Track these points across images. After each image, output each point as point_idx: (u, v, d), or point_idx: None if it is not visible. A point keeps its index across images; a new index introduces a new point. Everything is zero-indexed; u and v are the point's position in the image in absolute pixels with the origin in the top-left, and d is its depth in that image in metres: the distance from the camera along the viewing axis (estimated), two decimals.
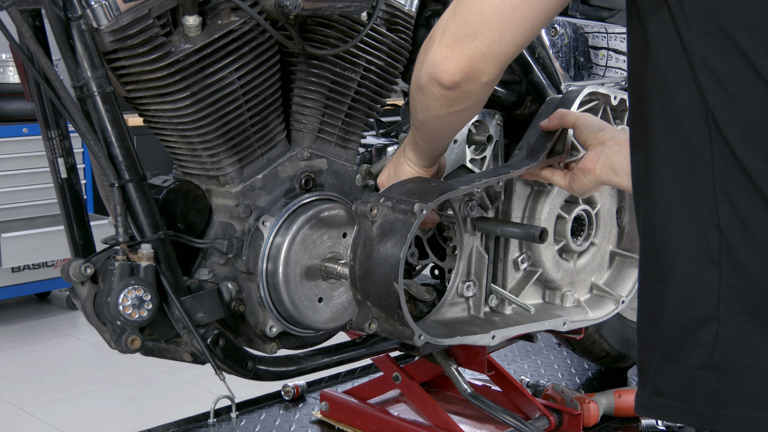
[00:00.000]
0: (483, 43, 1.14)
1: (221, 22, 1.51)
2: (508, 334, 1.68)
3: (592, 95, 1.75)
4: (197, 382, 3.65)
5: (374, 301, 1.51)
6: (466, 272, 1.70)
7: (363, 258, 1.50)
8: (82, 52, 1.43)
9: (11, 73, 4.50)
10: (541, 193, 1.80)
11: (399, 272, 1.44)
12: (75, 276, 1.43)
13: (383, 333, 1.55)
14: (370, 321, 1.53)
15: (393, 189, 1.55)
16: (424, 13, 1.82)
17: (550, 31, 1.92)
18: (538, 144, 1.69)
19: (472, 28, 1.14)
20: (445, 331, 1.62)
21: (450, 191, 1.52)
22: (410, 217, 1.46)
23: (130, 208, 1.47)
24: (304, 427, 2.10)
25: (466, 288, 1.70)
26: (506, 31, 1.12)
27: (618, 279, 1.94)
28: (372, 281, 1.49)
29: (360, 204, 1.51)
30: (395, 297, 1.45)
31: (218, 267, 1.64)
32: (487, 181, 1.60)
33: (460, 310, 1.71)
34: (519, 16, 1.10)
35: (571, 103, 1.71)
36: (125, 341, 1.44)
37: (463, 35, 1.15)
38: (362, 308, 1.54)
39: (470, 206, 1.65)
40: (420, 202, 1.47)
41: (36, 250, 4.43)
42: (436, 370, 2.02)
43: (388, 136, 1.96)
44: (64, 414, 3.49)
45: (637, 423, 2.08)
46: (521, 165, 1.66)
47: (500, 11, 1.11)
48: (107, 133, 1.46)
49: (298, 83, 1.68)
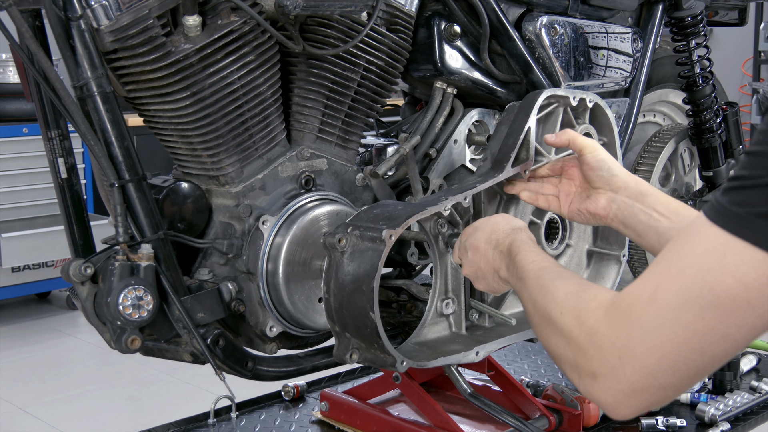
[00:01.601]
0: (669, 392, 0.96)
1: (221, 22, 1.51)
2: (492, 348, 1.67)
3: (551, 98, 1.74)
4: (197, 382, 3.65)
5: (353, 332, 1.50)
6: (443, 290, 1.68)
7: (337, 290, 1.48)
8: (82, 52, 1.43)
9: (11, 73, 4.50)
10: (511, 201, 1.78)
11: (374, 302, 1.43)
12: (75, 276, 1.43)
13: (365, 362, 1.54)
14: (351, 352, 1.52)
15: (360, 217, 1.53)
16: (424, 13, 1.82)
17: (550, 31, 1.92)
18: (501, 154, 1.67)
19: (670, 383, 0.95)
20: (428, 352, 1.61)
21: (418, 213, 1.51)
22: (379, 244, 1.45)
23: (130, 208, 1.47)
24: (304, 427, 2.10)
25: (445, 306, 1.68)
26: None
27: (597, 277, 1.93)
28: (348, 313, 1.48)
29: (328, 236, 1.50)
30: (373, 327, 1.44)
31: (218, 267, 1.64)
32: (454, 198, 1.58)
33: (442, 329, 1.69)
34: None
35: (531, 108, 1.68)
36: (125, 341, 1.44)
37: (656, 387, 0.95)
38: (341, 339, 1.53)
39: (440, 224, 1.64)
40: (387, 228, 1.45)
41: (36, 250, 4.43)
42: (436, 370, 2.02)
43: (388, 136, 1.96)
44: (64, 414, 3.49)
45: (637, 423, 2.08)
46: (487, 177, 1.64)
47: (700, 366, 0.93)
48: (107, 133, 1.46)
49: (298, 83, 1.68)
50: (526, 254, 1.32)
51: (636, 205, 1.45)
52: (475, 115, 1.89)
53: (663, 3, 2.25)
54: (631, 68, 2.14)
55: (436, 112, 1.84)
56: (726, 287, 0.88)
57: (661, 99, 2.50)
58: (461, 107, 1.86)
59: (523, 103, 1.72)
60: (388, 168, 1.75)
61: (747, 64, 5.83)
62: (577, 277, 1.17)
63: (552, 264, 1.25)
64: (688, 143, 2.43)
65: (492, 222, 1.49)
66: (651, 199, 1.43)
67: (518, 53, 1.88)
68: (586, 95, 1.78)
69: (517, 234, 1.41)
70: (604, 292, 1.05)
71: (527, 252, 1.33)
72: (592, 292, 1.07)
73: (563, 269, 1.23)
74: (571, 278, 1.16)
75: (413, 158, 1.78)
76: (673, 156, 2.41)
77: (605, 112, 1.82)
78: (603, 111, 1.82)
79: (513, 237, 1.41)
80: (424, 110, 1.86)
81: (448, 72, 1.82)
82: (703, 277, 0.90)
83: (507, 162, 1.65)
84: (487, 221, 1.51)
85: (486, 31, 1.84)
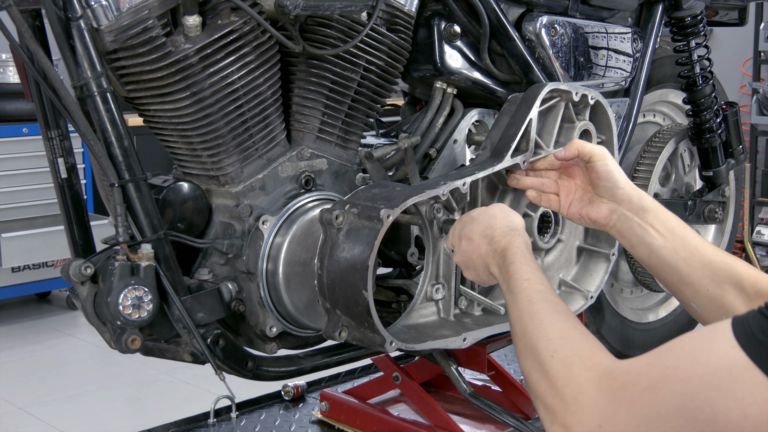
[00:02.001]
0: None
1: (221, 22, 1.51)
2: (479, 335, 1.67)
3: (553, 92, 1.74)
4: (197, 382, 3.65)
5: (343, 309, 1.50)
6: (434, 275, 1.69)
7: (330, 266, 1.49)
8: (82, 52, 1.43)
9: (11, 73, 4.51)
10: (507, 192, 1.79)
11: (368, 280, 1.43)
12: (75, 276, 1.43)
13: (354, 341, 1.54)
14: (340, 329, 1.52)
15: (358, 195, 1.54)
16: (424, 13, 1.82)
17: (550, 31, 1.92)
18: (502, 143, 1.67)
19: None
20: (415, 335, 1.61)
21: (416, 195, 1.52)
22: (377, 223, 1.45)
23: (130, 208, 1.47)
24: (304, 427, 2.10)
25: (435, 291, 1.68)
26: None
27: (586, 274, 1.93)
28: (341, 290, 1.48)
29: (325, 211, 1.50)
30: (365, 305, 1.44)
31: (218, 267, 1.64)
32: (453, 183, 1.59)
33: (430, 314, 1.70)
34: None
35: (533, 100, 1.69)
36: (125, 341, 1.44)
37: None
38: (332, 317, 1.53)
39: (436, 209, 1.64)
40: (386, 208, 1.46)
41: (36, 250, 4.43)
42: (436, 370, 2.02)
43: (388, 136, 1.96)
44: (64, 414, 3.49)
45: None
46: (486, 165, 1.65)
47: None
48: (107, 133, 1.46)
49: (298, 83, 1.68)
50: (520, 267, 1.33)
51: (635, 219, 1.47)
52: (475, 115, 1.89)
53: (663, 3, 2.25)
54: (631, 68, 2.14)
55: (436, 112, 1.84)
56: (727, 411, 0.89)
57: (661, 99, 2.50)
58: (461, 107, 1.86)
59: (526, 94, 1.72)
60: (384, 153, 1.74)
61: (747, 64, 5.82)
62: (573, 318, 1.18)
63: (546, 288, 1.26)
64: (688, 143, 2.43)
65: (490, 215, 1.49)
66: (650, 216, 1.46)
67: (518, 53, 1.88)
68: (588, 92, 1.78)
69: (514, 238, 1.41)
70: (601, 354, 1.06)
71: (521, 265, 1.33)
72: (589, 348, 1.07)
73: (557, 299, 1.24)
74: (567, 318, 1.17)
75: (413, 158, 1.78)
76: (673, 156, 2.41)
77: (605, 110, 1.82)
78: (603, 109, 1.82)
79: (509, 240, 1.41)
80: (424, 110, 1.86)
81: (448, 72, 1.82)
82: (709, 393, 0.90)
83: (507, 152, 1.65)
84: (484, 212, 1.51)
85: (486, 31, 1.84)
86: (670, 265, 1.42)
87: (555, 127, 1.75)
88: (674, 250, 1.42)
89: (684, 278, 1.40)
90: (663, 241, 1.44)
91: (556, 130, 1.75)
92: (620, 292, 2.44)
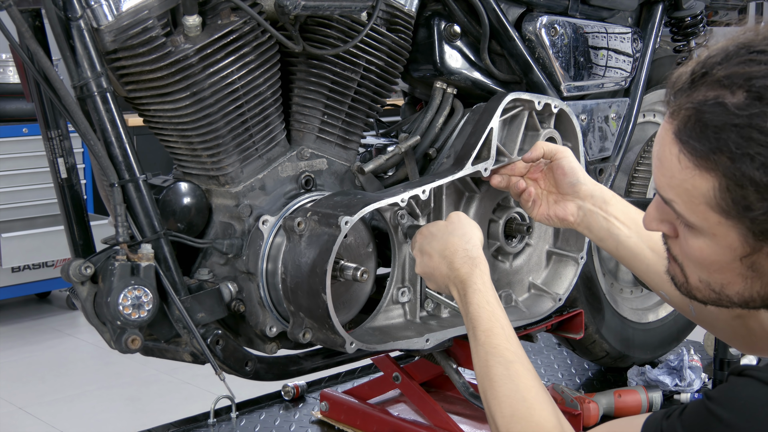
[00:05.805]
0: None
1: (221, 22, 1.51)
2: (443, 336, 1.72)
3: (516, 101, 1.78)
4: (197, 382, 3.65)
5: (306, 312, 1.56)
6: (400, 279, 1.73)
7: (293, 271, 1.55)
8: (82, 52, 1.43)
9: (11, 73, 4.51)
10: (472, 199, 1.82)
11: (326, 284, 1.48)
12: (75, 276, 1.43)
13: (317, 342, 1.60)
14: (304, 331, 1.58)
15: (320, 203, 1.60)
16: (424, 13, 1.82)
17: (550, 31, 1.92)
18: (463, 152, 1.73)
19: None
20: (380, 337, 1.66)
21: (375, 202, 1.57)
22: (335, 229, 1.51)
23: (130, 208, 1.47)
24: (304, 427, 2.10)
25: (401, 294, 1.73)
26: None
27: (555, 277, 1.96)
28: (302, 293, 1.54)
29: (288, 218, 1.56)
30: (324, 307, 1.50)
31: (218, 267, 1.64)
32: (413, 190, 1.63)
33: (397, 316, 1.75)
34: None
35: (495, 110, 1.73)
36: (125, 341, 1.44)
37: None
38: (296, 319, 1.59)
39: (400, 215, 1.69)
40: (345, 215, 1.51)
41: (36, 250, 4.43)
42: (436, 370, 2.02)
43: (388, 136, 1.96)
44: (64, 414, 3.49)
45: None
46: (447, 173, 1.70)
47: None
48: (107, 133, 1.46)
49: (298, 83, 1.68)
50: (478, 310, 1.40)
51: (600, 213, 1.56)
52: None
53: (663, 3, 2.25)
54: (631, 68, 2.14)
55: (436, 112, 1.84)
56: None
57: (661, 99, 2.50)
58: (461, 107, 1.86)
59: (488, 104, 1.77)
60: (377, 165, 1.75)
61: None
62: (524, 380, 1.29)
63: (502, 341, 1.34)
64: None
65: (448, 231, 1.53)
66: (612, 208, 1.56)
67: (518, 53, 1.89)
68: (551, 100, 1.82)
69: (473, 269, 1.46)
70: (548, 425, 1.23)
71: (479, 308, 1.40)
72: (534, 427, 1.22)
73: (511, 353, 1.33)
74: (517, 387, 1.28)
75: (413, 158, 1.78)
76: None
77: (570, 119, 1.87)
78: (568, 117, 1.87)
79: (468, 271, 1.45)
80: (423, 110, 1.86)
81: (448, 72, 1.82)
82: None
83: (467, 160, 1.70)
84: (444, 230, 1.54)
85: (486, 31, 1.84)
86: (636, 254, 1.51)
87: (519, 135, 1.79)
88: (639, 239, 1.51)
89: (651, 267, 1.49)
90: (628, 231, 1.52)
91: (520, 138, 1.79)
92: (620, 292, 2.44)
